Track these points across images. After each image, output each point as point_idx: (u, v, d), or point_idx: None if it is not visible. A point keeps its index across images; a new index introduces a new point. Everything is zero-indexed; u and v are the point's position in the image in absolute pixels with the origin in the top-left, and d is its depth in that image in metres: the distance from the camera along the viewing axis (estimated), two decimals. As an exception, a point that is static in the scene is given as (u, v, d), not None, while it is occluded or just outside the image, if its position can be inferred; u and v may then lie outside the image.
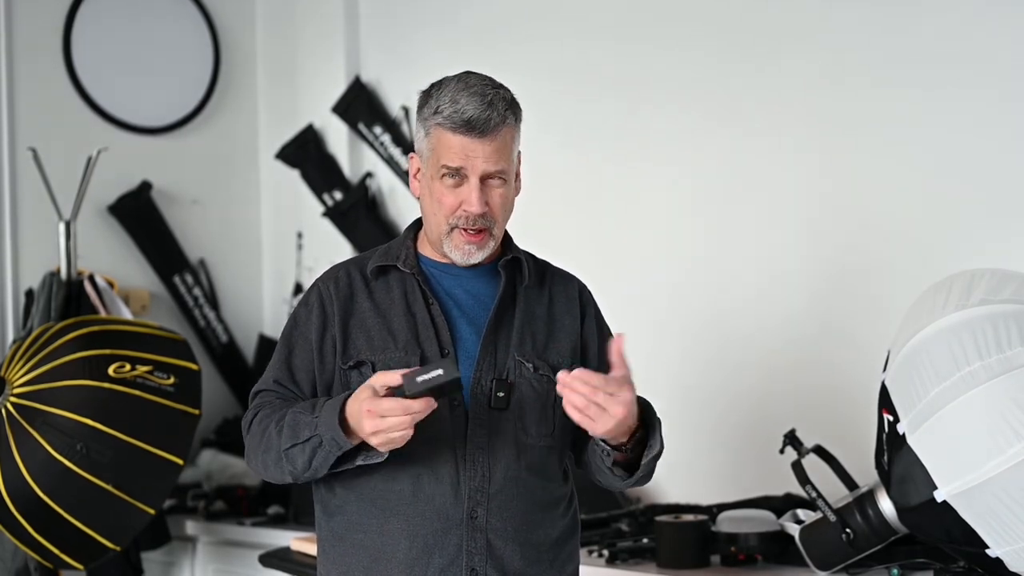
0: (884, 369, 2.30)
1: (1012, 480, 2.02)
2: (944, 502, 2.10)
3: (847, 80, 2.97)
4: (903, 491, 2.22)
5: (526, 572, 1.98)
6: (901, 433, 2.17)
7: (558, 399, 1.91)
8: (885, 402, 2.25)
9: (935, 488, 2.11)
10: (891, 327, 2.36)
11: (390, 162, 3.99)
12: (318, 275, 4.33)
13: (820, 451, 2.56)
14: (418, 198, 2.07)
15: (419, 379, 1.76)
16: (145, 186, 4.03)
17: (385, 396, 1.79)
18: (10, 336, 3.71)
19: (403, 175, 3.96)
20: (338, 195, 4.07)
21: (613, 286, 3.40)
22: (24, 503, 2.91)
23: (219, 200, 4.28)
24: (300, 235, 4.25)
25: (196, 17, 4.23)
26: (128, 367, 3.03)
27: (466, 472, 1.94)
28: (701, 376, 3.25)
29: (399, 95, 4.01)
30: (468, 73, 2.02)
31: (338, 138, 4.11)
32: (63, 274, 3.55)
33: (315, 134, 4.15)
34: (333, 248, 4.10)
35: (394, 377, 1.79)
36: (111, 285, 3.65)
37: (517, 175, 2.06)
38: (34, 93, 3.83)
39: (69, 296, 3.50)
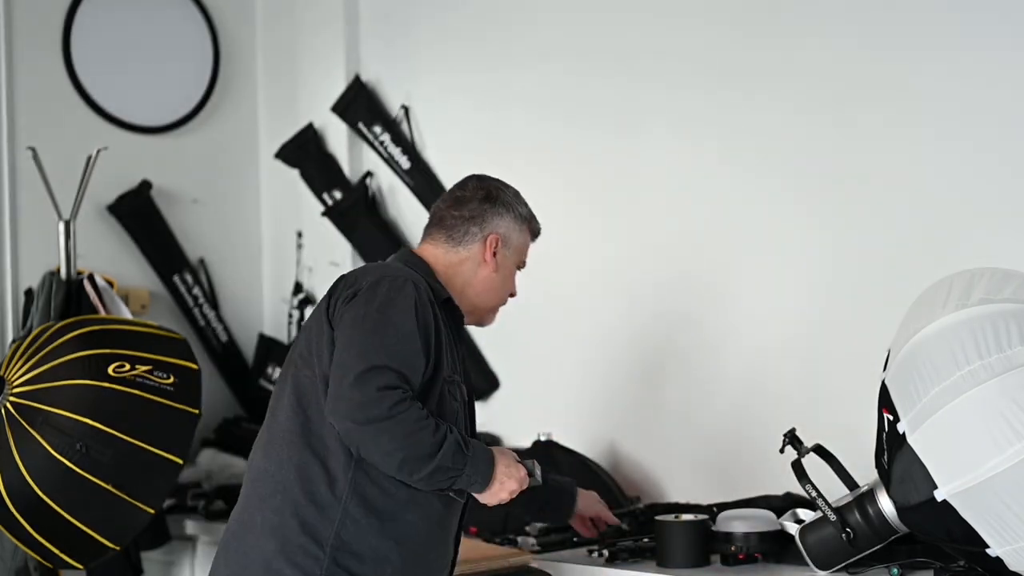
0: (884, 368, 2.30)
1: (1012, 479, 2.02)
2: (944, 501, 2.10)
3: (848, 83, 2.97)
4: (903, 490, 2.22)
5: None
6: (901, 432, 2.17)
7: None
8: (885, 401, 2.25)
9: (935, 487, 2.11)
10: (891, 326, 2.36)
11: (390, 161, 3.99)
12: (319, 275, 4.38)
13: (820, 450, 2.55)
14: (492, 270, 2.40)
15: (536, 474, 2.26)
16: (145, 185, 4.03)
17: None
18: (9, 335, 3.71)
19: (402, 174, 3.95)
20: (338, 194, 4.07)
21: (616, 284, 3.41)
22: (24, 503, 2.91)
23: (219, 200, 4.28)
24: (300, 235, 4.25)
25: (196, 17, 4.23)
26: (128, 366, 3.02)
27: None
28: (701, 375, 3.24)
29: (399, 94, 4.01)
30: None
31: (338, 137, 4.11)
32: (63, 273, 3.55)
33: (315, 133, 4.15)
34: (333, 248, 4.10)
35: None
36: (111, 284, 3.65)
37: None
38: (34, 92, 3.83)
39: (69, 295, 3.50)
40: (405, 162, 3.95)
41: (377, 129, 4.01)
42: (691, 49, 3.28)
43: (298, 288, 4.23)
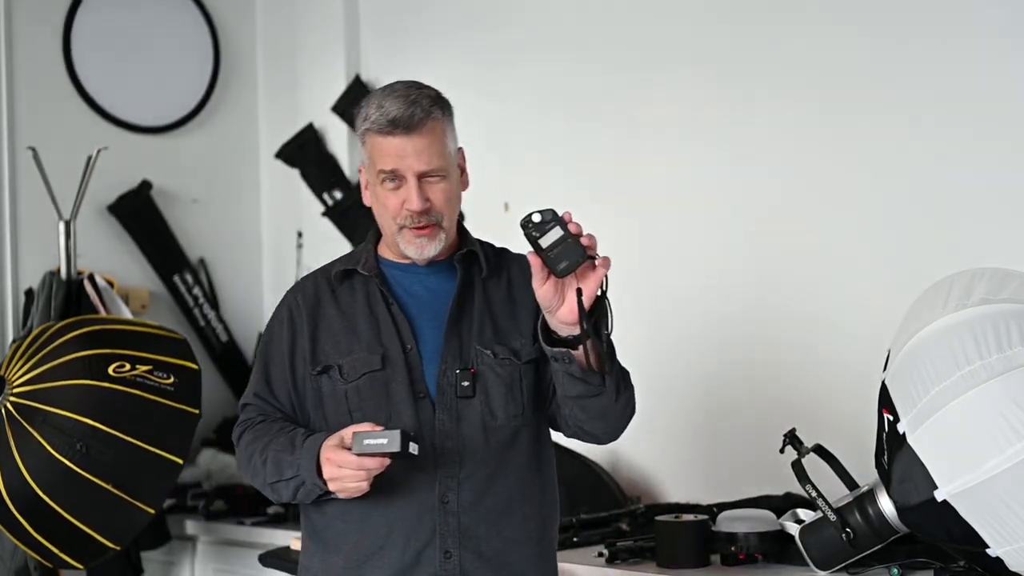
0: (884, 368, 2.30)
1: (1012, 479, 2.02)
2: (944, 501, 2.10)
3: (849, 77, 2.97)
4: (903, 490, 2.22)
5: (505, 551, 2.06)
6: (901, 432, 2.17)
7: (524, 380, 2.09)
8: (885, 401, 2.25)
9: (935, 487, 2.11)
10: (892, 326, 2.36)
11: (390, 162, 3.99)
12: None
13: (820, 450, 2.56)
14: (370, 207, 2.16)
15: (365, 441, 1.86)
16: (145, 185, 4.03)
17: (347, 448, 1.90)
18: (10, 335, 3.71)
19: (403, 175, 3.96)
20: (338, 194, 4.07)
21: (616, 283, 3.40)
22: (24, 502, 2.91)
23: (219, 200, 4.28)
24: (300, 234, 4.25)
25: (196, 16, 4.23)
26: (128, 366, 3.02)
27: (437, 459, 2.02)
28: (701, 375, 3.25)
29: (399, 95, 4.00)
30: (394, 81, 2.11)
31: (338, 137, 4.11)
32: (63, 273, 3.55)
33: (315, 133, 4.15)
34: (333, 247, 4.08)
35: (350, 432, 1.90)
36: (111, 284, 3.65)
37: (462, 170, 2.15)
38: (34, 93, 3.83)
39: (69, 295, 3.50)
40: (405, 162, 3.94)
41: (377, 129, 4.00)
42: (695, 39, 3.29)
43: (298, 288, 4.22)
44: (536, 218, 1.87)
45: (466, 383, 2.05)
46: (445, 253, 2.12)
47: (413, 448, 1.87)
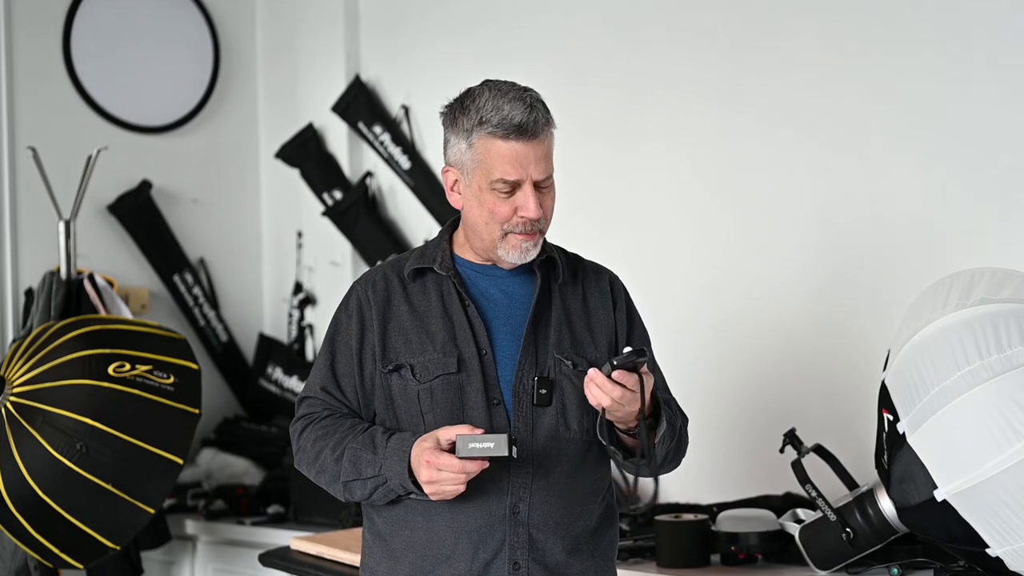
0: (884, 368, 2.30)
1: (1012, 479, 2.02)
2: (944, 501, 2.11)
3: (853, 77, 2.97)
4: (903, 490, 2.22)
5: (568, 563, 2.02)
6: (901, 432, 2.17)
7: None
8: (885, 401, 2.25)
9: (935, 487, 2.11)
10: (891, 326, 2.36)
11: (390, 161, 3.99)
12: (319, 274, 4.37)
13: (820, 451, 2.56)
14: (459, 209, 2.08)
15: (471, 444, 1.85)
16: (145, 185, 4.03)
17: (445, 450, 1.87)
18: (10, 335, 3.71)
19: (402, 174, 3.96)
20: (338, 194, 4.07)
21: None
22: (24, 502, 2.91)
23: (219, 200, 4.28)
24: (300, 234, 4.25)
25: (196, 16, 4.23)
26: (128, 366, 3.02)
27: (509, 469, 1.98)
28: (700, 376, 3.24)
29: (399, 94, 4.01)
30: (492, 81, 2.06)
31: (338, 137, 4.11)
32: (63, 273, 3.55)
33: (315, 133, 4.15)
34: (333, 247, 4.10)
35: (450, 434, 1.87)
36: (111, 284, 3.65)
37: None
38: (34, 93, 3.83)
39: (69, 295, 3.50)
40: (405, 162, 3.95)
41: (377, 129, 4.01)
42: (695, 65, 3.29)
43: (298, 288, 4.23)
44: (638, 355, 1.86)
45: (544, 391, 2.01)
46: None
47: (514, 451, 1.87)
